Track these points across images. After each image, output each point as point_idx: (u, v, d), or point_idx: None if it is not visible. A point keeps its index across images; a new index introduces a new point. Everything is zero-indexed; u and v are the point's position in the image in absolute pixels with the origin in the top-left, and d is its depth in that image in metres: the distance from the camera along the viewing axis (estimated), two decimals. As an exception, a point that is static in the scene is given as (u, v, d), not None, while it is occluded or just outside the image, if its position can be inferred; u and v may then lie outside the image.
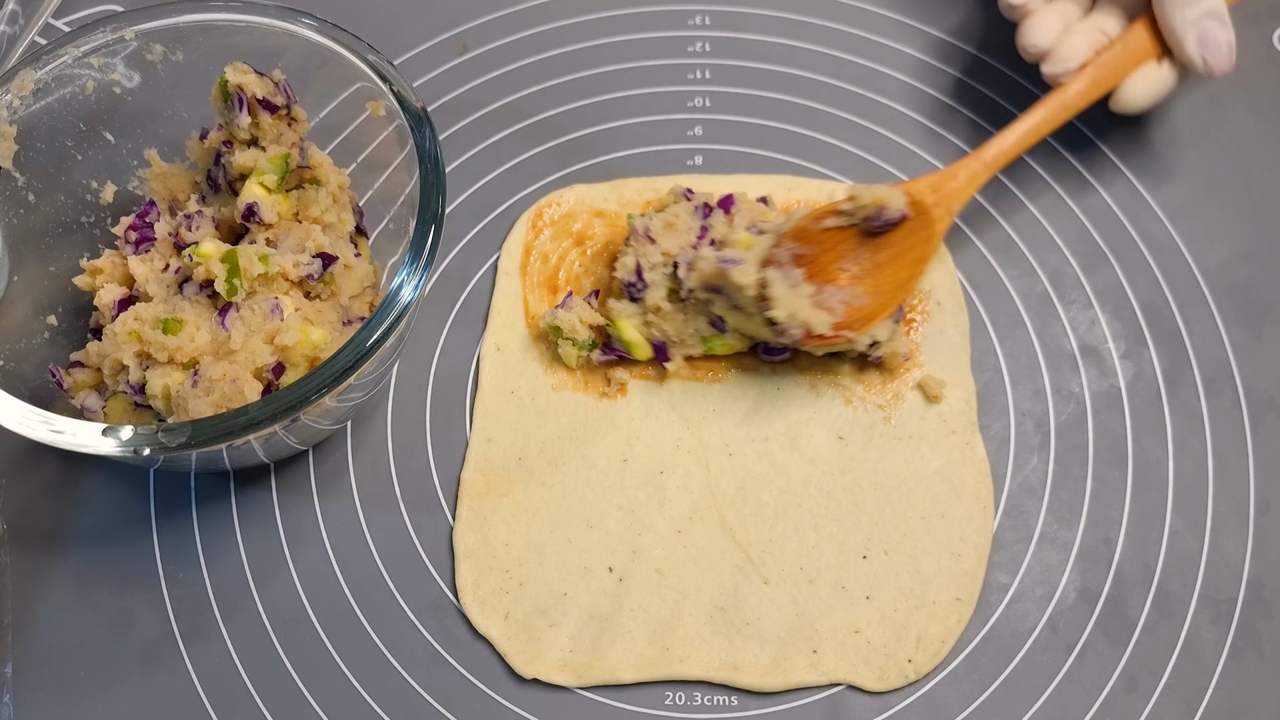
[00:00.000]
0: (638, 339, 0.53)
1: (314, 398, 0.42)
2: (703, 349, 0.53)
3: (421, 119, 0.48)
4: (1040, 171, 0.60)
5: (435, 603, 0.50)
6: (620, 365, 0.54)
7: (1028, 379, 0.55)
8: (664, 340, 0.53)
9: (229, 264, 0.46)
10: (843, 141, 0.61)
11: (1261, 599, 0.50)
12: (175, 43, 0.50)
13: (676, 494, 0.51)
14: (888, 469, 0.52)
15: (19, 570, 0.50)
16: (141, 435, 0.41)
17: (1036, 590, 0.50)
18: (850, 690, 0.48)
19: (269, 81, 0.50)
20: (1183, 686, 0.48)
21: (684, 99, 0.62)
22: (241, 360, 0.45)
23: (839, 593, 0.49)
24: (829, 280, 0.51)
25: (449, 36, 0.64)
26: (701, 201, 0.55)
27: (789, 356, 0.54)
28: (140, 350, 0.46)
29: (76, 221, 0.51)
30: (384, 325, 0.44)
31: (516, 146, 0.61)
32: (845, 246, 0.52)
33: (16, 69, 0.48)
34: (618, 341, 0.53)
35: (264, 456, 0.50)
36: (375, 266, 0.52)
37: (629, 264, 0.53)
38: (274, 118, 0.50)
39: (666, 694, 0.48)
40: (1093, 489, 0.52)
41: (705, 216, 0.54)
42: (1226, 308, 0.56)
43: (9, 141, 0.48)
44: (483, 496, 0.51)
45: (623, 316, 0.53)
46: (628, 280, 0.53)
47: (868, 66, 0.63)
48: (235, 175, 0.50)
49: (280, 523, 0.51)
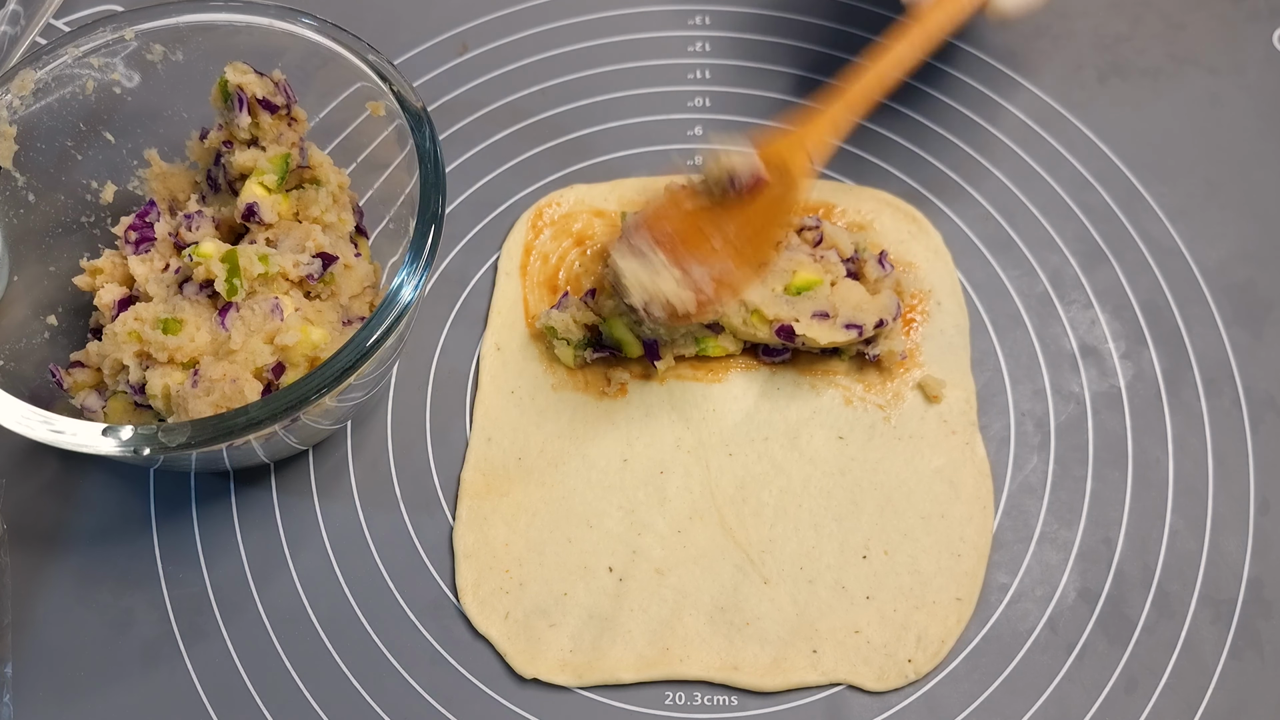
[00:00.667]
0: (628, 337, 0.53)
1: (314, 397, 0.42)
2: (696, 349, 0.53)
3: (421, 119, 0.48)
4: (1040, 171, 0.60)
5: (435, 603, 0.50)
6: (618, 365, 0.54)
7: (1028, 379, 0.55)
8: (655, 338, 0.53)
9: (229, 264, 0.46)
10: (843, 141, 0.61)
11: (1261, 599, 0.50)
12: (175, 43, 0.50)
13: (676, 494, 0.51)
14: (888, 469, 0.52)
15: (19, 570, 0.50)
16: (141, 435, 0.41)
17: (1036, 590, 0.50)
18: (850, 690, 0.48)
19: (269, 81, 0.50)
20: (1183, 686, 0.48)
21: (684, 99, 0.62)
22: (241, 360, 0.45)
23: (839, 593, 0.49)
24: (700, 259, 0.51)
25: (449, 36, 0.64)
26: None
27: (789, 357, 0.54)
28: (140, 350, 0.46)
29: (76, 221, 0.51)
30: (384, 325, 0.44)
31: (516, 146, 0.61)
32: (707, 220, 0.51)
33: (16, 69, 0.48)
34: (609, 339, 0.53)
35: (264, 456, 0.50)
36: (375, 266, 0.52)
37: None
38: (274, 118, 0.50)
39: (666, 694, 0.48)
40: (1093, 489, 0.52)
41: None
42: (1226, 308, 0.56)
43: (9, 141, 0.48)
44: (483, 496, 0.51)
45: (615, 314, 0.53)
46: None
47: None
48: (235, 175, 0.50)
49: (280, 523, 0.51)
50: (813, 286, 0.52)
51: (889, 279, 0.54)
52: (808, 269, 0.52)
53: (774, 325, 0.51)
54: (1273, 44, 0.65)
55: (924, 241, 0.57)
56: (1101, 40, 0.65)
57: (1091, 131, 0.61)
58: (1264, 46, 0.64)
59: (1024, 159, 0.60)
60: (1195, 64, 0.64)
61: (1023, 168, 0.60)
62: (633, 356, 0.53)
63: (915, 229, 0.58)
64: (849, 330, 0.52)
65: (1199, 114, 0.62)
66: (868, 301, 0.53)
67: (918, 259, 0.57)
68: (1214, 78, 0.63)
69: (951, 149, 0.61)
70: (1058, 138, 0.61)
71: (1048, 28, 0.65)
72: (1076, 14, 0.66)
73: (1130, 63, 0.64)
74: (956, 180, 0.60)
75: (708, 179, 0.51)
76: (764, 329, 0.52)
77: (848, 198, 0.59)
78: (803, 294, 0.52)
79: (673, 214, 0.51)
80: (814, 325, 0.51)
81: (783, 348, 0.53)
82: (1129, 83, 0.63)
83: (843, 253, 0.54)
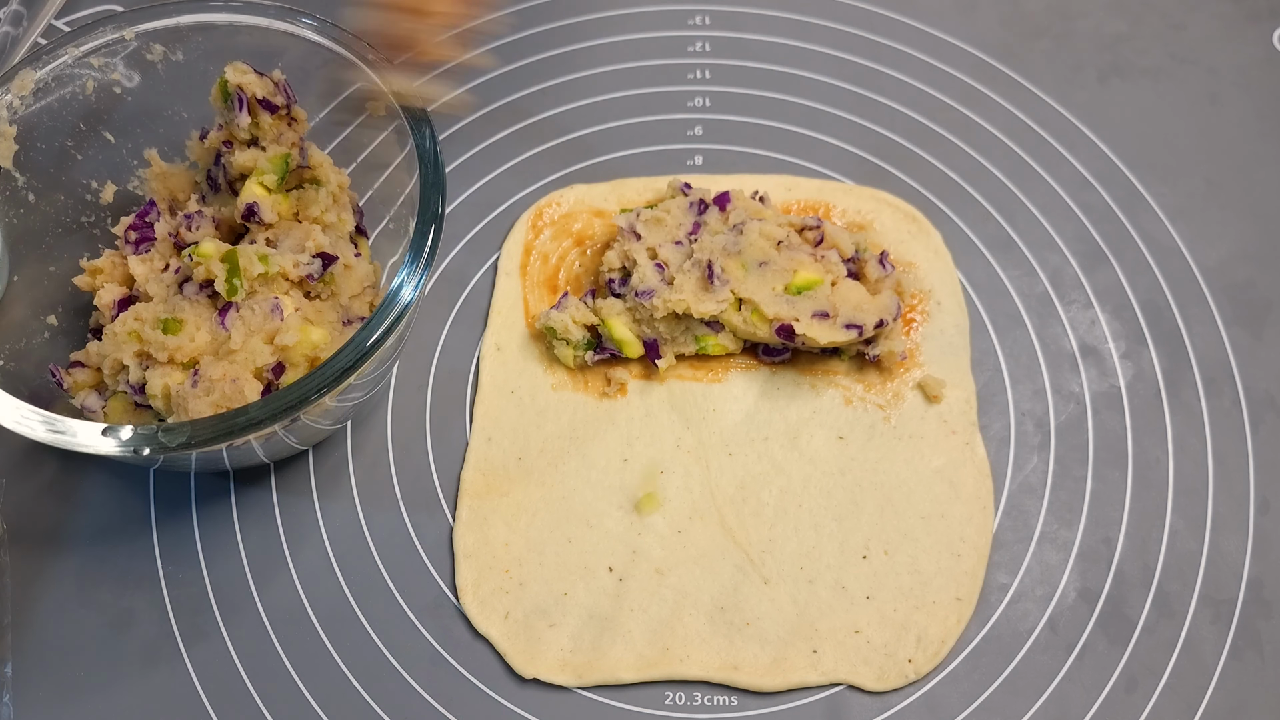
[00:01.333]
0: (629, 337, 0.53)
1: (314, 397, 0.42)
2: (695, 348, 0.53)
3: (421, 119, 0.48)
4: (1040, 171, 0.60)
5: (435, 603, 0.50)
6: (617, 364, 0.54)
7: (1028, 379, 0.55)
8: (655, 338, 0.53)
9: (229, 264, 0.46)
10: (843, 141, 0.61)
11: (1261, 599, 0.50)
12: (175, 43, 0.50)
13: (676, 494, 0.51)
14: (888, 469, 0.52)
15: (19, 570, 0.50)
16: (141, 435, 0.41)
17: (1036, 590, 0.50)
18: (850, 690, 0.48)
19: (269, 81, 0.50)
20: (1183, 686, 0.48)
21: (684, 99, 0.62)
22: (241, 360, 0.45)
23: (839, 593, 0.49)
24: None
25: (448, 36, 0.64)
26: (698, 198, 0.55)
27: (789, 357, 0.54)
28: (140, 350, 0.46)
29: (76, 221, 0.51)
30: (384, 325, 0.43)
31: (516, 146, 0.61)
32: None
33: (16, 69, 0.48)
34: (609, 340, 0.53)
35: (264, 456, 0.50)
36: (375, 266, 0.52)
37: (613, 260, 0.53)
38: (274, 118, 0.50)
39: (666, 694, 0.48)
40: (1093, 489, 0.52)
41: (701, 213, 0.54)
42: (1226, 308, 0.56)
43: (9, 141, 0.48)
44: (483, 496, 0.51)
45: (613, 314, 0.53)
46: (609, 277, 0.53)
47: (868, 66, 0.63)
48: (235, 175, 0.50)
49: (280, 522, 0.51)
50: (813, 286, 0.52)
51: (889, 279, 0.54)
52: (808, 269, 0.52)
53: (774, 324, 0.51)
54: (1273, 44, 0.65)
55: (924, 241, 0.57)
56: (1101, 40, 0.65)
57: (1091, 131, 0.61)
58: (1264, 46, 0.64)
59: (1024, 159, 0.60)
60: (1195, 64, 0.64)
61: (1023, 168, 0.60)
62: (633, 357, 0.53)
63: (915, 229, 0.58)
64: (849, 330, 0.52)
65: (1199, 114, 0.62)
66: (868, 301, 0.53)
67: (918, 259, 0.57)
68: (1214, 78, 0.63)
69: (951, 149, 0.61)
70: (1058, 138, 0.61)
71: (1048, 28, 0.65)
72: (1076, 14, 0.66)
73: (1130, 63, 0.64)
74: (956, 180, 0.60)
75: None
76: (764, 328, 0.52)
77: (848, 198, 0.59)
78: (803, 293, 0.52)
79: None
80: (814, 325, 0.51)
81: (783, 347, 0.53)
82: (1129, 83, 0.63)
83: (843, 252, 0.54)
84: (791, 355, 0.54)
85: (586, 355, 0.54)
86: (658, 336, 0.53)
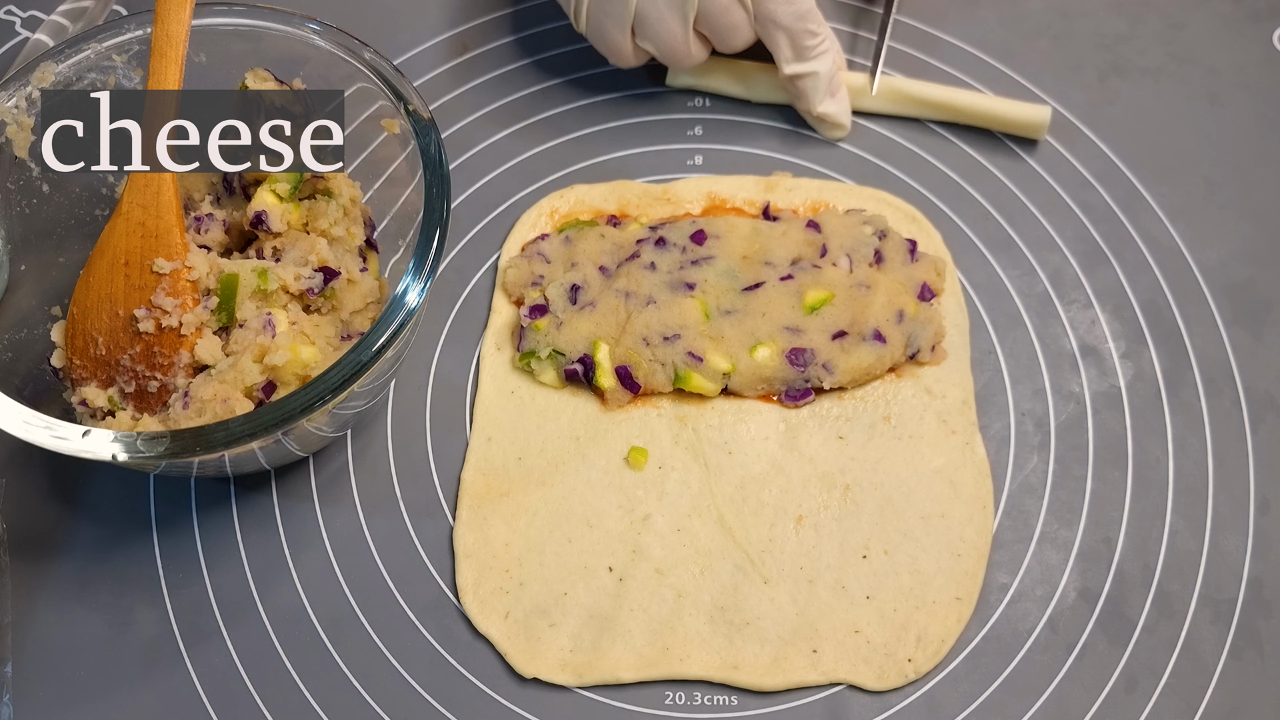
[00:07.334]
0: (606, 366, 0.52)
1: (297, 416, 0.42)
2: (674, 385, 0.52)
3: (427, 125, 0.48)
4: (1040, 171, 0.60)
5: (435, 603, 0.50)
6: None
7: (1028, 379, 0.55)
8: (626, 365, 0.52)
9: (224, 292, 0.46)
10: (843, 141, 0.61)
11: (1261, 599, 0.50)
12: (199, 45, 0.50)
13: (676, 493, 0.51)
14: (888, 469, 0.52)
15: (19, 570, 0.50)
16: (121, 441, 0.41)
17: (1036, 590, 0.50)
18: (850, 690, 0.48)
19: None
20: (1183, 686, 0.48)
21: (684, 99, 0.62)
22: (231, 379, 0.45)
23: (839, 592, 0.49)
24: None
25: (449, 36, 0.64)
26: (657, 236, 0.55)
27: (813, 400, 0.53)
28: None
29: (90, 214, 0.51)
30: (383, 338, 0.43)
31: (516, 146, 0.61)
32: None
33: (38, 61, 0.48)
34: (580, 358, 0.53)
35: (265, 463, 0.50)
36: (382, 282, 0.52)
37: (515, 277, 0.55)
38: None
39: (666, 694, 0.48)
40: (1093, 489, 0.52)
41: (658, 246, 0.54)
42: (1226, 308, 0.56)
43: (26, 133, 0.48)
44: (483, 496, 0.51)
45: (540, 347, 0.53)
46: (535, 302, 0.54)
47: (867, 66, 0.63)
48: (250, 180, 0.50)
49: (281, 526, 0.51)
50: (824, 304, 0.52)
51: (923, 264, 0.55)
52: (815, 288, 0.53)
53: (757, 382, 0.52)
54: (1273, 44, 0.65)
55: (924, 241, 0.57)
56: (1101, 40, 0.65)
57: (1091, 131, 0.61)
58: (1264, 46, 0.64)
59: (1024, 159, 0.61)
60: (1195, 64, 0.64)
61: (1023, 168, 0.60)
62: (605, 387, 0.52)
63: (915, 229, 0.58)
64: (876, 343, 0.52)
65: (1199, 114, 0.62)
66: (886, 308, 0.52)
67: (918, 259, 0.57)
68: (1214, 78, 0.63)
69: (951, 149, 0.61)
70: (1058, 138, 0.61)
71: (1048, 28, 0.65)
72: (1076, 14, 0.66)
73: (1130, 63, 0.64)
74: (956, 180, 0.60)
75: None
76: (773, 364, 0.52)
77: (848, 198, 0.59)
78: (815, 312, 0.52)
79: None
80: (834, 348, 0.52)
81: (805, 390, 0.53)
82: (1129, 82, 0.63)
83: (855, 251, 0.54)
84: (815, 397, 0.53)
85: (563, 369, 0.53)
86: (629, 368, 0.52)
